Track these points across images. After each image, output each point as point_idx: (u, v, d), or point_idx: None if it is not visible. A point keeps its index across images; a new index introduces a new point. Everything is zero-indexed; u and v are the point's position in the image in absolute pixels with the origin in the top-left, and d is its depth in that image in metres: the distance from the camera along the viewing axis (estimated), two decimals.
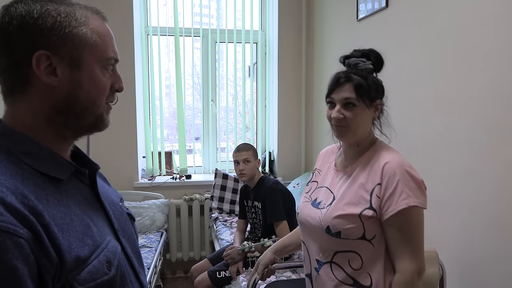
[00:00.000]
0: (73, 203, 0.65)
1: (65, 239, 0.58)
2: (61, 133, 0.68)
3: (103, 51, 0.69)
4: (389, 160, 1.14)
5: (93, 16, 0.69)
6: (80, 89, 0.66)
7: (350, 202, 1.15)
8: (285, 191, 2.30)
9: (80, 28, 0.66)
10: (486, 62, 1.49)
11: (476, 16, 1.53)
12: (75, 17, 0.65)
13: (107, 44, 0.69)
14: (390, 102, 1.30)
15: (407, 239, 1.10)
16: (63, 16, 0.64)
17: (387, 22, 2.17)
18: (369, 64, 1.20)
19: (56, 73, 0.64)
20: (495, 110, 1.45)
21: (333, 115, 1.18)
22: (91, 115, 0.69)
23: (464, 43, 1.60)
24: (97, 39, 0.68)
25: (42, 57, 0.63)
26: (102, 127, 0.73)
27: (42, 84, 0.64)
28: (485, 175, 1.49)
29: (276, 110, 3.48)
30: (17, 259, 0.51)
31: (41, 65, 0.63)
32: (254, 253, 2.17)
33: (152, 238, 2.88)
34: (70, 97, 0.66)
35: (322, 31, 3.19)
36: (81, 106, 0.67)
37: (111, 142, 3.11)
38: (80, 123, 0.69)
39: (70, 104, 0.66)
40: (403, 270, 1.10)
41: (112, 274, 0.64)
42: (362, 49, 1.24)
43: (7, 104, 0.67)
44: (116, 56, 0.72)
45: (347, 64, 1.23)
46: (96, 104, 0.69)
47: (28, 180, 0.59)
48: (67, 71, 0.65)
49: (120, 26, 3.00)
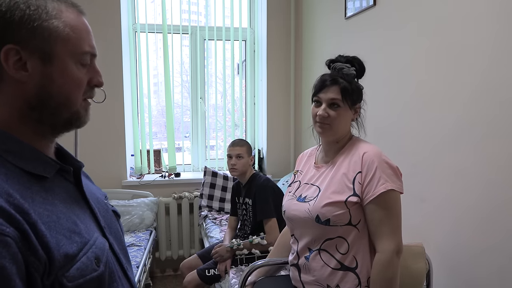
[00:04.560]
0: (58, 201, 0.64)
1: (53, 236, 0.58)
2: (38, 130, 0.67)
3: (77, 45, 0.67)
4: (367, 150, 1.27)
5: (67, 9, 0.67)
6: (52, 84, 0.65)
7: (335, 191, 1.25)
8: (276, 189, 2.31)
9: (51, 21, 0.64)
10: (474, 59, 1.51)
11: (463, 13, 1.56)
12: (46, 10, 0.64)
13: (82, 38, 0.68)
14: (378, 99, 1.36)
15: (386, 221, 1.21)
16: (32, 9, 0.62)
17: (375, 20, 2.18)
18: (353, 70, 1.33)
19: (27, 67, 0.63)
20: (485, 108, 1.47)
21: (319, 113, 1.30)
22: (66, 112, 0.68)
23: (451, 40, 1.63)
24: (70, 32, 0.66)
25: (11, 52, 0.61)
26: (79, 123, 0.71)
27: (12, 79, 0.62)
28: (474, 172, 1.52)
29: (265, 107, 3.49)
30: (4, 258, 0.50)
31: (9, 60, 0.61)
32: (242, 251, 2.17)
33: (141, 236, 2.86)
34: (43, 92, 0.64)
35: (310, 29, 3.20)
36: (55, 102, 0.66)
37: (99, 140, 3.08)
38: (56, 119, 0.67)
39: (43, 99, 0.65)
40: (383, 250, 1.20)
41: (101, 270, 0.64)
42: (347, 56, 1.36)
43: None
44: (92, 50, 0.70)
45: (332, 68, 1.36)
46: (70, 99, 0.67)
47: (12, 179, 0.58)
48: (39, 66, 0.63)
49: (107, 23, 2.97)
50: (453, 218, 1.62)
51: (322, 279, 1.25)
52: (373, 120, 1.73)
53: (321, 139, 1.40)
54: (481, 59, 1.47)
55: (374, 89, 1.41)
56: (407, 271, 1.39)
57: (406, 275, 1.39)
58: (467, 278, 1.56)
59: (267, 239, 2.15)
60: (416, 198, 1.82)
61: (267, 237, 2.15)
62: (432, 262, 1.55)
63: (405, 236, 1.32)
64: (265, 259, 1.57)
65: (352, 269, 1.24)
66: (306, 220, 1.28)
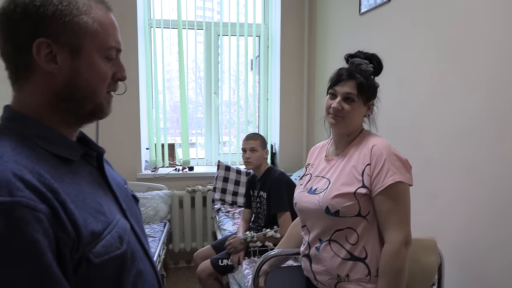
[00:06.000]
0: (84, 183, 0.68)
1: (81, 214, 0.62)
2: (65, 119, 0.70)
3: (104, 40, 0.70)
4: (376, 143, 1.29)
5: (96, 5, 0.70)
6: (79, 77, 0.68)
7: (344, 183, 1.27)
8: (290, 183, 2.33)
9: (81, 16, 0.67)
10: (488, 55, 1.51)
11: (479, 8, 1.55)
12: (77, 5, 0.67)
13: (108, 33, 0.71)
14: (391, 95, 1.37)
15: (394, 212, 1.23)
16: (64, 5, 0.66)
17: (390, 16, 2.19)
18: (371, 67, 1.34)
19: (57, 60, 0.66)
20: (499, 103, 1.48)
21: (333, 105, 1.31)
22: (91, 103, 0.71)
23: (466, 36, 1.63)
24: (98, 28, 0.69)
25: (43, 45, 0.64)
26: (102, 115, 0.74)
27: (43, 71, 0.66)
28: (488, 167, 1.52)
29: (278, 103, 3.51)
30: (38, 232, 0.54)
31: (41, 52, 0.65)
32: (256, 243, 2.21)
33: (155, 228, 2.92)
34: (70, 84, 0.67)
35: (324, 25, 3.21)
36: (80, 94, 0.69)
37: (116, 133, 3.15)
38: (81, 110, 0.71)
39: (70, 91, 0.68)
40: (391, 240, 1.22)
41: (124, 248, 0.67)
42: (366, 52, 1.37)
43: (14, 89, 0.69)
44: (118, 46, 0.73)
45: (350, 63, 1.36)
46: (95, 92, 0.70)
47: (42, 161, 0.62)
48: (68, 59, 0.67)
49: (124, 18, 3.03)
50: (466, 213, 1.63)
51: (333, 269, 1.28)
52: (386, 116, 1.75)
53: (332, 132, 1.42)
54: (495, 55, 1.47)
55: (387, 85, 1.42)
56: (418, 264, 1.41)
57: (418, 269, 1.40)
58: (478, 273, 1.57)
59: (280, 232, 2.17)
60: (428, 194, 1.83)
61: (281, 230, 2.18)
62: (444, 257, 1.56)
63: (417, 232, 1.34)
64: (277, 249, 1.60)
65: (362, 259, 1.26)
66: (316, 211, 1.30)
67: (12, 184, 0.55)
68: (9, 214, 0.53)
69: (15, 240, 0.52)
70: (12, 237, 0.52)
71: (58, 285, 0.56)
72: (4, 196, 0.53)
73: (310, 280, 1.39)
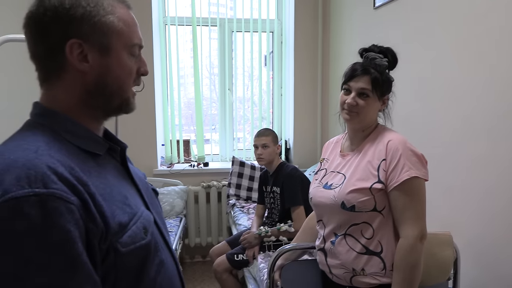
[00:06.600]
0: (110, 176, 0.71)
1: (108, 207, 0.65)
2: (93, 114, 0.74)
3: (129, 37, 0.73)
4: (392, 138, 1.28)
5: (118, 4, 0.73)
6: (109, 74, 0.71)
7: (360, 178, 1.27)
8: (303, 178, 2.35)
9: (107, 16, 0.70)
10: (505, 49, 1.49)
11: (498, 4, 1.53)
12: (103, 6, 0.70)
13: (132, 31, 0.74)
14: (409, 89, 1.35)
15: (410, 207, 1.23)
16: (92, 6, 0.69)
17: (405, 10, 2.17)
18: (385, 61, 1.32)
19: (88, 59, 0.69)
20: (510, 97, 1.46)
21: (347, 101, 1.31)
22: (118, 99, 0.74)
23: (480, 31, 1.60)
24: (123, 26, 0.72)
25: (75, 45, 0.68)
26: (128, 110, 0.78)
27: (75, 69, 0.69)
28: (506, 162, 1.51)
29: (292, 99, 3.51)
30: (70, 223, 0.57)
31: (74, 52, 0.68)
32: (270, 238, 2.23)
33: (171, 223, 2.98)
34: (100, 81, 0.71)
35: (338, 20, 3.19)
36: (110, 90, 0.72)
37: (133, 130, 3.20)
38: (109, 105, 0.74)
39: (100, 87, 0.71)
40: (407, 235, 1.22)
41: (148, 239, 0.70)
42: (380, 46, 1.35)
43: (44, 88, 0.73)
44: (140, 42, 0.77)
45: (365, 57, 1.35)
46: (123, 88, 0.74)
47: (72, 155, 0.66)
48: (98, 57, 0.70)
49: (139, 16, 3.02)
50: (482, 208, 1.62)
51: (348, 263, 1.29)
52: (402, 111, 1.74)
53: (347, 127, 1.41)
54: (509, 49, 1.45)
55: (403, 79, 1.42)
56: (433, 259, 1.40)
57: (433, 263, 1.40)
58: (494, 268, 1.56)
59: (294, 226, 2.19)
60: (443, 187, 1.82)
61: (295, 225, 2.20)
62: (460, 252, 1.55)
63: (432, 225, 1.33)
64: (292, 243, 1.61)
65: (377, 254, 1.27)
66: (332, 206, 1.31)
67: (47, 177, 0.58)
68: (45, 205, 0.56)
69: (49, 230, 0.55)
70: (47, 227, 0.55)
71: (87, 274, 0.58)
72: (39, 188, 0.56)
73: (325, 273, 1.40)
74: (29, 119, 0.72)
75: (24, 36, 0.70)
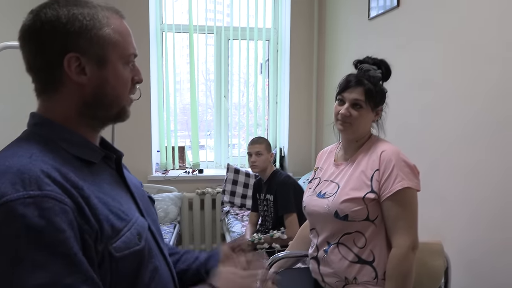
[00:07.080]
0: (105, 184, 0.72)
1: (103, 210, 0.66)
2: (90, 123, 0.75)
3: (125, 48, 0.74)
4: (385, 149, 1.30)
5: (112, 15, 0.74)
6: (107, 85, 0.73)
7: (354, 188, 1.29)
8: (296, 185, 2.36)
9: (104, 29, 0.71)
10: (492, 60, 1.53)
11: (489, 13, 1.57)
12: (98, 19, 0.71)
13: (127, 41, 0.75)
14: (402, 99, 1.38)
15: (402, 217, 1.25)
16: (88, 20, 0.70)
17: (398, 21, 2.20)
18: (379, 73, 1.35)
19: (85, 72, 0.70)
20: (501, 107, 1.49)
21: (341, 112, 1.34)
22: (116, 108, 0.76)
23: (472, 41, 1.64)
24: (119, 37, 0.73)
25: (72, 59, 0.69)
26: (125, 117, 0.79)
27: (73, 82, 0.70)
28: (494, 171, 1.53)
29: (287, 106, 3.53)
30: (64, 223, 0.59)
31: (72, 66, 0.69)
32: (263, 245, 2.24)
33: (165, 229, 2.97)
34: (98, 92, 0.72)
35: (333, 30, 3.23)
36: (107, 100, 0.74)
37: (128, 136, 3.18)
38: (107, 114, 0.76)
39: (98, 99, 0.73)
40: (399, 244, 1.24)
41: (142, 245, 0.71)
42: (375, 58, 1.38)
43: (41, 99, 0.74)
44: (135, 52, 0.78)
45: (359, 68, 1.38)
46: (120, 97, 0.75)
47: (67, 163, 0.67)
48: (95, 70, 0.71)
49: (137, 23, 3.08)
50: (472, 217, 1.64)
51: (340, 272, 1.30)
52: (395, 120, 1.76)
53: (341, 137, 1.44)
54: (503, 59, 1.48)
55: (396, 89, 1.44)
56: (425, 268, 1.42)
57: (424, 273, 1.41)
58: (485, 277, 1.57)
59: (287, 233, 2.20)
60: (435, 197, 1.84)
61: (287, 232, 2.21)
62: (451, 261, 1.57)
63: (423, 234, 1.35)
64: (286, 251, 1.62)
65: (369, 263, 1.28)
66: (325, 215, 1.33)
67: (40, 180, 0.60)
68: (40, 206, 0.58)
69: (45, 229, 0.57)
70: (42, 227, 0.57)
71: (84, 273, 0.60)
72: (34, 191, 0.58)
73: (318, 282, 1.41)
74: (26, 129, 0.73)
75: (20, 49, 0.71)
